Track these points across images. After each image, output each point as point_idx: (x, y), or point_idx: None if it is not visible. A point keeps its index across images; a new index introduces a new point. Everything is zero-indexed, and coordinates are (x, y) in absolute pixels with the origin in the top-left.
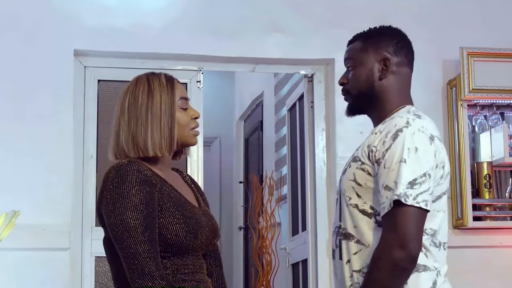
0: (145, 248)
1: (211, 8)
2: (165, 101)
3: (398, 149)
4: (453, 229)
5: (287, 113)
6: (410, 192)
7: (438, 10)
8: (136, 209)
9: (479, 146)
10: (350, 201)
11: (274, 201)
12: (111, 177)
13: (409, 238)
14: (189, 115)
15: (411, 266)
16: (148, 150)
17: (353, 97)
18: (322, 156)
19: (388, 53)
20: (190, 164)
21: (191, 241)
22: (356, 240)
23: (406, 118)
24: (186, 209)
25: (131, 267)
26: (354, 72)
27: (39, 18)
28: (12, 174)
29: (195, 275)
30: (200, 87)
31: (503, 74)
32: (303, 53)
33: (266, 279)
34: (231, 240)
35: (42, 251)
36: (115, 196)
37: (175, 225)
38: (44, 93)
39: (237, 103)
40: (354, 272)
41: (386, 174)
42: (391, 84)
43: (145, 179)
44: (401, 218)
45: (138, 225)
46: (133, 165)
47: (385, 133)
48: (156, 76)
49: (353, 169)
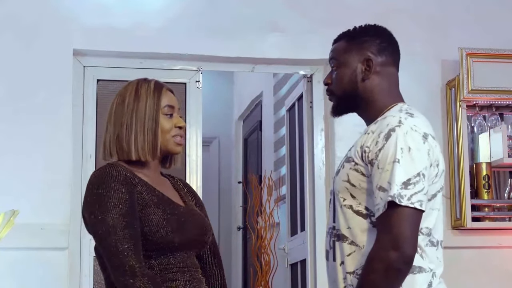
0: (126, 246)
1: (210, 8)
2: (150, 106)
3: (391, 149)
4: (452, 229)
5: (286, 113)
6: (405, 193)
7: (437, 10)
8: (115, 208)
9: (478, 146)
10: (344, 202)
11: (273, 201)
12: (90, 180)
13: (404, 239)
14: (172, 122)
15: (406, 268)
16: (131, 154)
17: (337, 97)
18: (321, 156)
19: (372, 53)
20: (189, 164)
21: (173, 237)
22: (349, 242)
23: (399, 117)
24: (167, 206)
25: (113, 265)
26: (337, 73)
27: (38, 17)
28: (11, 174)
29: (185, 273)
30: (199, 87)
31: (502, 75)
32: (302, 53)
33: (265, 279)
34: (230, 240)
35: (40, 251)
36: (94, 197)
37: (156, 222)
38: (43, 93)
39: (236, 103)
40: (347, 273)
41: (379, 175)
42: (376, 84)
43: (123, 179)
44: (396, 219)
45: (118, 224)
46: (112, 167)
47: (377, 133)
48: (146, 82)
49: (346, 169)
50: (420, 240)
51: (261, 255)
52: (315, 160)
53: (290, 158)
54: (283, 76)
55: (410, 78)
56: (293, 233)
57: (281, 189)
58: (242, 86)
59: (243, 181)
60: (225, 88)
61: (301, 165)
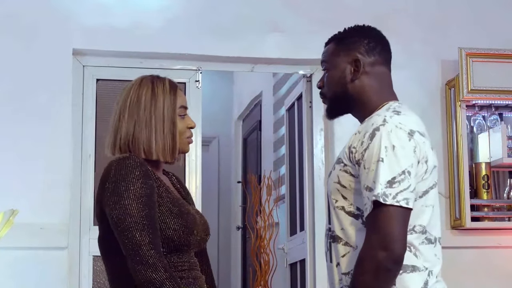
0: (149, 239)
1: (210, 7)
2: (167, 107)
3: (375, 149)
4: (451, 229)
5: (286, 113)
6: (390, 192)
7: (437, 10)
8: (141, 201)
9: (478, 146)
10: (336, 203)
11: (272, 201)
12: (113, 169)
13: (391, 238)
14: (186, 123)
15: (396, 267)
16: (152, 154)
17: (329, 100)
18: (321, 156)
19: (360, 54)
20: (188, 164)
21: (188, 236)
22: (344, 243)
23: (384, 116)
24: (182, 205)
25: (135, 257)
26: (328, 75)
27: (38, 17)
28: (10, 173)
29: (192, 272)
30: (199, 87)
31: (502, 74)
32: (302, 53)
33: (264, 279)
34: (229, 240)
35: (40, 250)
36: (120, 187)
37: (173, 219)
38: (43, 92)
39: (236, 103)
40: (343, 275)
41: (366, 175)
42: (366, 84)
43: (147, 173)
44: (382, 218)
45: (143, 216)
46: (136, 159)
47: (363, 133)
48: (161, 81)
49: (337, 171)
50: (413, 239)
51: (261, 255)
52: (315, 160)
53: (290, 158)
54: (282, 76)
55: (410, 78)
56: (293, 233)
57: (281, 189)
58: (241, 86)
59: (242, 180)
60: (224, 88)
61: (300, 165)
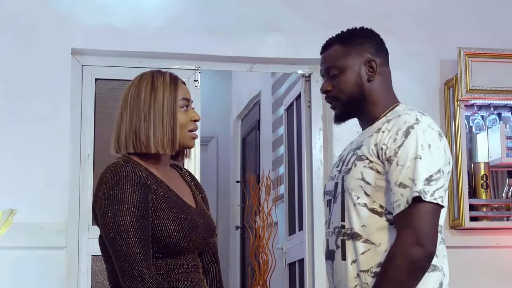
0: (137, 250)
1: (209, 7)
2: (167, 99)
3: (412, 146)
4: (450, 229)
5: (285, 112)
6: (428, 189)
7: (436, 10)
8: (129, 211)
9: (476, 146)
10: (358, 200)
11: (271, 201)
12: (106, 177)
13: (427, 235)
14: (189, 116)
15: (428, 264)
16: (151, 147)
17: (344, 103)
18: (319, 156)
19: (371, 55)
20: (187, 163)
21: (184, 242)
22: (364, 240)
23: (415, 115)
24: (180, 210)
25: (121, 268)
26: (341, 78)
27: (37, 17)
28: (9, 173)
29: (190, 274)
30: (198, 86)
31: (501, 74)
32: (301, 53)
33: (263, 278)
34: (228, 239)
35: (38, 250)
36: (109, 197)
37: (169, 226)
38: (41, 92)
39: (235, 103)
40: (361, 272)
41: (399, 172)
42: (378, 84)
43: (139, 180)
44: (419, 215)
45: (131, 227)
46: (129, 166)
47: (395, 130)
48: (161, 74)
49: (360, 168)
50: None
51: (259, 254)
52: (313, 160)
53: (288, 157)
54: (281, 76)
55: (409, 77)
56: (291, 233)
57: (279, 188)
58: (240, 85)
59: (241, 180)
60: (223, 88)
61: (299, 164)
